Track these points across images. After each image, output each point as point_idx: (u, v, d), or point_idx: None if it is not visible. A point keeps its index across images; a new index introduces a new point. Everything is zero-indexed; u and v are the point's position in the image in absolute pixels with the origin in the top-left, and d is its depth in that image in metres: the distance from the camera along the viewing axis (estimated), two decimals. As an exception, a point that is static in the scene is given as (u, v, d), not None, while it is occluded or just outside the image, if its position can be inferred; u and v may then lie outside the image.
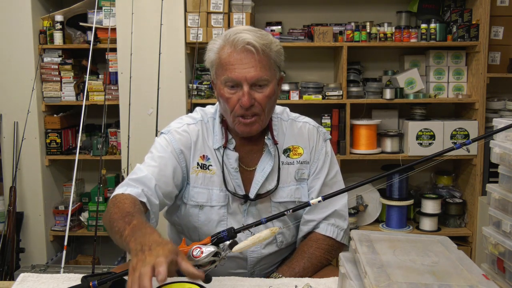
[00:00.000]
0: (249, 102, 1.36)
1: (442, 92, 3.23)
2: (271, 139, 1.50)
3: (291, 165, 1.51)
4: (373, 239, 1.20)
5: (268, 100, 1.40)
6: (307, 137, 1.55)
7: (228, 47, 1.38)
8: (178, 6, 3.00)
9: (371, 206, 3.29)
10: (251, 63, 1.35)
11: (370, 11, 3.37)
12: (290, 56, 3.39)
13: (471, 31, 3.05)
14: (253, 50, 1.35)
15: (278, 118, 1.55)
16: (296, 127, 1.56)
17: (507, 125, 1.31)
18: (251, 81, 1.36)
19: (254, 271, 1.55)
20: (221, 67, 1.39)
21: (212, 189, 1.48)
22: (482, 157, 3.08)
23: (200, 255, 1.10)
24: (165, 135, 1.50)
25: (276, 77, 1.43)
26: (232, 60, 1.36)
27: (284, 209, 1.47)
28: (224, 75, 1.38)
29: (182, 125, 1.52)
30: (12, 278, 2.95)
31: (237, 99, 1.38)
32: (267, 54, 1.38)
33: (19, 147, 3.08)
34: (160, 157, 1.45)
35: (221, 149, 1.48)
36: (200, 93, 3.12)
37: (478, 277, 1.02)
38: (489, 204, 1.83)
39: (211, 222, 1.49)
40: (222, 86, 1.40)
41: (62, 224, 3.31)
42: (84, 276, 1.28)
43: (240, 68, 1.35)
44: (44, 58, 3.20)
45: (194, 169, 1.48)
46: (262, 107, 1.40)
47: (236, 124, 1.42)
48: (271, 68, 1.40)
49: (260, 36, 1.38)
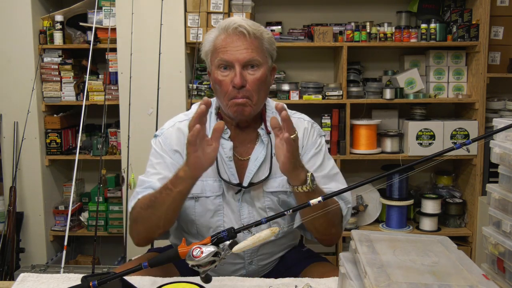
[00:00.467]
0: (241, 81, 1.40)
1: (442, 92, 3.23)
2: (264, 129, 1.52)
3: None
4: (373, 239, 1.20)
5: (259, 83, 1.43)
6: (301, 131, 1.56)
7: (222, 33, 1.44)
8: (178, 6, 3.00)
9: (371, 206, 3.29)
10: (243, 45, 1.41)
11: (370, 11, 3.37)
12: (290, 56, 3.39)
13: (471, 31, 3.05)
14: (245, 32, 1.41)
15: (273, 111, 1.56)
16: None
17: (507, 125, 1.30)
18: (243, 61, 1.41)
19: (252, 261, 1.54)
20: (215, 51, 1.45)
21: (206, 180, 1.49)
22: (482, 157, 3.08)
23: (200, 255, 1.10)
24: (159, 137, 1.54)
25: (268, 63, 1.47)
26: (224, 43, 1.42)
27: (276, 198, 1.50)
28: (217, 58, 1.43)
29: (173, 123, 1.56)
30: (12, 278, 2.95)
31: (230, 81, 1.42)
32: (259, 38, 1.44)
33: (19, 147, 3.09)
34: (158, 163, 1.51)
35: None
36: (200, 93, 3.12)
37: (478, 277, 1.02)
38: (489, 204, 1.83)
39: (208, 213, 1.50)
40: (216, 70, 1.45)
41: (62, 224, 3.31)
42: (84, 276, 1.28)
43: (233, 49, 1.41)
44: (44, 58, 3.21)
45: None
46: (253, 89, 1.43)
47: (229, 107, 1.45)
48: (263, 52, 1.45)
49: (252, 23, 1.45)
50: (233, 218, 1.50)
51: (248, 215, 1.50)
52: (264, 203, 1.51)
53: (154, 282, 1.30)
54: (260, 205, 1.51)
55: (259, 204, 1.50)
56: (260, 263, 1.56)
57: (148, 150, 1.57)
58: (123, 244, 3.00)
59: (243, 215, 1.50)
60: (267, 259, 1.58)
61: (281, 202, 1.52)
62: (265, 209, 1.50)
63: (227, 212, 1.50)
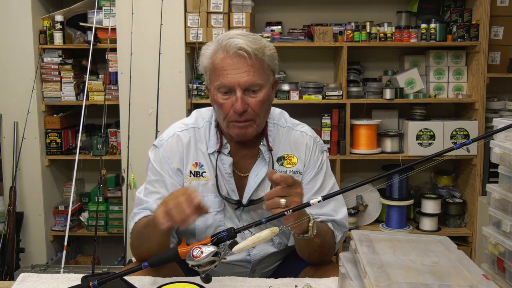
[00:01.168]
0: (243, 107, 1.36)
1: (442, 92, 3.23)
2: (265, 146, 1.49)
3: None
4: (373, 239, 1.20)
5: (262, 104, 1.40)
6: (303, 147, 1.53)
7: (221, 52, 1.38)
8: (178, 6, 3.00)
9: (371, 206, 3.29)
10: (243, 68, 1.36)
11: (370, 11, 3.37)
12: (290, 56, 3.39)
13: (471, 31, 3.05)
14: (245, 55, 1.35)
15: (274, 124, 1.54)
16: (293, 136, 1.54)
17: (507, 125, 1.30)
18: (244, 86, 1.36)
19: (255, 270, 1.55)
20: (214, 72, 1.40)
21: (206, 196, 1.48)
22: (482, 157, 3.08)
23: (200, 255, 1.10)
24: (158, 149, 1.51)
25: (270, 81, 1.43)
26: (225, 66, 1.36)
27: None
28: (218, 81, 1.38)
29: (173, 133, 1.52)
30: (12, 278, 2.95)
31: (231, 105, 1.38)
32: (260, 59, 1.38)
33: (19, 147, 3.09)
34: (157, 181, 1.49)
35: (215, 153, 1.48)
36: (200, 93, 3.12)
37: (478, 277, 1.02)
38: (489, 204, 1.83)
39: (209, 228, 1.49)
40: (216, 92, 1.40)
41: (62, 224, 3.31)
42: (84, 276, 1.28)
43: (233, 73, 1.36)
44: (44, 58, 3.20)
45: (186, 177, 1.49)
46: (256, 113, 1.40)
47: (230, 128, 1.42)
48: (265, 72, 1.40)
49: (253, 40, 1.38)
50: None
51: (250, 232, 1.50)
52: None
53: (154, 282, 1.30)
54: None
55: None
56: (262, 271, 1.58)
57: (148, 150, 1.56)
58: (123, 244, 3.00)
59: (245, 232, 1.49)
60: (270, 265, 1.59)
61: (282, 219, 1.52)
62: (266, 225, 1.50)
63: (228, 227, 1.49)
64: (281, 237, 1.53)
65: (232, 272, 1.49)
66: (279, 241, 1.54)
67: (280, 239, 1.54)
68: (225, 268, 1.47)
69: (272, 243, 1.53)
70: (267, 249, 1.54)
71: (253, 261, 1.53)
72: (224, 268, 1.46)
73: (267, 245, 1.53)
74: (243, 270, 1.54)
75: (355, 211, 3.22)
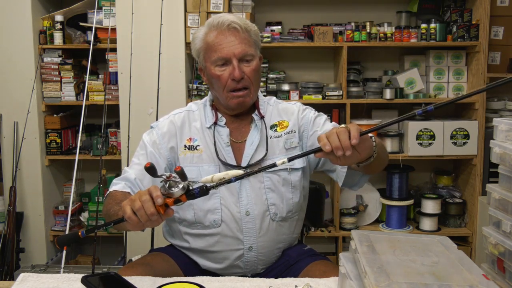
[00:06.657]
0: (240, 74, 1.50)
1: (442, 92, 3.23)
2: (258, 115, 1.62)
3: (279, 138, 1.61)
4: (373, 239, 1.20)
5: (256, 73, 1.55)
6: (292, 112, 1.65)
7: (214, 31, 1.53)
8: (178, 6, 3.00)
9: (371, 206, 3.29)
10: (237, 40, 1.51)
11: (370, 11, 3.37)
12: (290, 56, 3.39)
13: (471, 31, 3.05)
14: (238, 28, 1.51)
15: (265, 102, 1.67)
16: (281, 106, 1.68)
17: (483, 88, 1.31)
18: (239, 55, 1.51)
19: (251, 246, 1.54)
20: (209, 49, 1.53)
21: (201, 166, 1.56)
22: (482, 157, 3.08)
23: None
24: (153, 129, 1.63)
25: (258, 54, 1.58)
26: (219, 41, 1.51)
27: (277, 177, 1.56)
28: (214, 56, 1.52)
29: (168, 116, 1.66)
30: (12, 278, 2.95)
31: (228, 74, 1.51)
32: (248, 33, 1.54)
33: (19, 147, 3.09)
34: (142, 154, 1.60)
35: (212, 126, 1.60)
36: (200, 93, 3.12)
37: (478, 277, 1.02)
38: (489, 204, 1.83)
39: (205, 197, 1.50)
40: (213, 66, 1.53)
41: (62, 224, 3.31)
42: (84, 276, 1.28)
43: (228, 46, 1.50)
44: (44, 58, 3.20)
45: (181, 150, 1.59)
46: (251, 80, 1.54)
47: (229, 99, 1.55)
48: (253, 45, 1.55)
49: (240, 18, 1.56)
50: (231, 200, 1.53)
51: (246, 197, 1.53)
52: (264, 183, 1.55)
53: (154, 282, 1.30)
54: (259, 186, 1.55)
55: (259, 184, 1.55)
56: (260, 251, 1.56)
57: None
58: (123, 244, 3.00)
59: (241, 197, 1.53)
60: (267, 247, 1.57)
61: (282, 181, 1.56)
62: (265, 190, 1.55)
63: (225, 194, 1.53)
64: (277, 206, 1.56)
65: (228, 250, 1.53)
66: (274, 211, 1.56)
67: (276, 208, 1.56)
68: (221, 246, 1.53)
69: (268, 212, 1.55)
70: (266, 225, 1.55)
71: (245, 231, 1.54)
72: (221, 246, 1.53)
73: (265, 217, 1.55)
74: (239, 247, 1.54)
75: (355, 211, 3.22)
